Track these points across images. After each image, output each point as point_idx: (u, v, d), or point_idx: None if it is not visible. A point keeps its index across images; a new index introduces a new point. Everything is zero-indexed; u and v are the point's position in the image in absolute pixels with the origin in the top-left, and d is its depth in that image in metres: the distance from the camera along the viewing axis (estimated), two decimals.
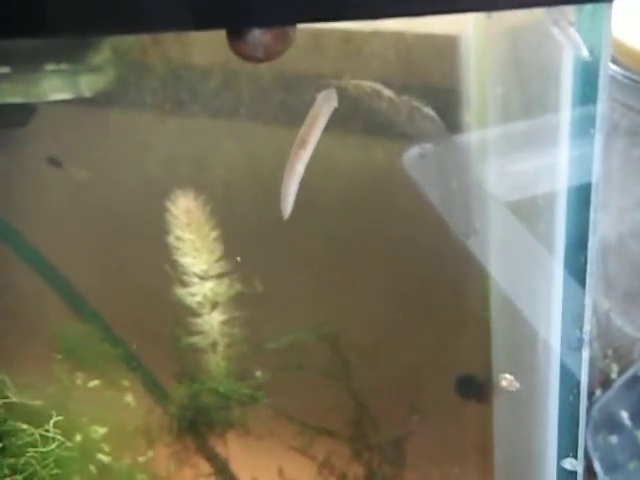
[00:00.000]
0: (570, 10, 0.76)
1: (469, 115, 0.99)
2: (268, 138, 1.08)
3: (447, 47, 0.97)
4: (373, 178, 1.08)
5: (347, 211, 1.10)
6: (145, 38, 1.04)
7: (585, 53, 0.79)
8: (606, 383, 1.24)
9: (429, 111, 0.96)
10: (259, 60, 0.65)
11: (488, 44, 0.91)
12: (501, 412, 1.04)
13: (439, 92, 1.01)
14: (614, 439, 1.22)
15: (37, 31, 0.55)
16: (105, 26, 0.55)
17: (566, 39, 0.77)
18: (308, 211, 1.07)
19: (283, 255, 1.11)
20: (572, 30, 0.77)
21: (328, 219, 1.10)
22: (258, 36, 0.63)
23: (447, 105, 1.00)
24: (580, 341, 0.92)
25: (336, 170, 1.06)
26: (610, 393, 1.23)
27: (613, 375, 1.25)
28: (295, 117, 1.04)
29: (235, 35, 0.63)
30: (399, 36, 0.98)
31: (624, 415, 1.24)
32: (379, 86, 0.94)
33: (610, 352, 1.24)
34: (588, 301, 0.91)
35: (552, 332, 0.94)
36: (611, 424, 1.23)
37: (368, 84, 0.94)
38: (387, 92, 0.95)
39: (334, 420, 1.16)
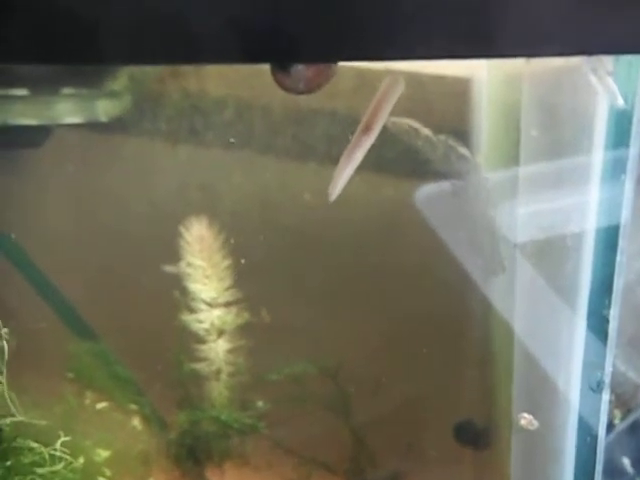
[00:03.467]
0: (608, 59, 0.76)
1: (480, 156, 1.00)
2: (279, 170, 1.09)
3: (460, 89, 0.98)
4: (383, 215, 1.08)
5: (357, 247, 1.10)
6: (164, 67, 1.05)
7: (621, 102, 0.79)
8: (608, 429, 1.23)
9: (464, 151, 0.96)
10: (300, 92, 0.66)
11: (522, 86, 0.91)
12: (518, 452, 1.03)
13: (451, 132, 1.01)
14: None
15: (97, 58, 0.56)
16: (160, 56, 0.56)
17: (603, 87, 0.78)
18: (317, 245, 1.08)
19: (290, 287, 1.11)
20: (609, 79, 0.77)
21: (337, 254, 1.10)
22: (301, 70, 0.64)
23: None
24: (601, 383, 0.92)
25: (347, 206, 1.07)
26: (611, 438, 1.22)
27: (616, 421, 1.23)
28: (306, 151, 1.05)
29: (279, 68, 0.64)
30: (413, 76, 0.98)
31: (626, 462, 1.23)
32: (417, 124, 0.94)
33: (613, 398, 1.23)
34: (611, 344, 0.90)
35: (573, 374, 0.94)
36: (612, 470, 1.22)
37: (407, 122, 0.94)
38: (425, 130, 0.94)
39: (332, 454, 1.15)
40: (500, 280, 0.98)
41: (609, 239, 0.87)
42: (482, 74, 0.96)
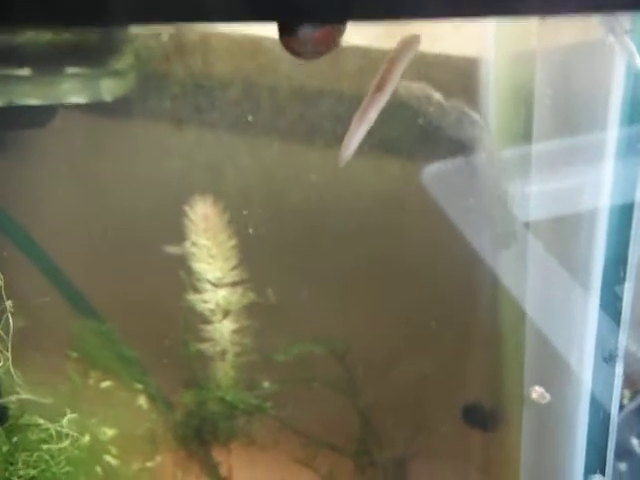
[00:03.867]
0: (626, 18, 0.75)
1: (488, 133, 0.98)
2: (285, 150, 1.08)
3: (467, 68, 0.96)
4: (390, 193, 1.08)
5: (364, 226, 1.09)
6: (169, 46, 1.04)
7: (638, 62, 0.78)
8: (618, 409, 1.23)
9: (477, 117, 0.94)
10: (308, 56, 0.65)
11: (535, 63, 0.89)
12: (529, 426, 1.03)
13: None
14: (623, 466, 1.20)
15: (102, 20, 0.55)
16: (166, 15, 0.55)
17: (621, 47, 0.77)
18: (323, 225, 1.07)
19: (296, 267, 1.11)
20: (627, 38, 0.76)
21: (344, 233, 1.09)
22: (309, 32, 0.63)
23: None
24: (614, 356, 0.91)
25: (353, 185, 1.06)
26: (620, 419, 1.21)
27: (625, 401, 1.23)
28: (312, 131, 1.04)
29: (286, 30, 0.62)
30: (419, 55, 0.97)
31: (634, 442, 1.22)
32: (429, 89, 0.93)
33: (622, 377, 1.23)
34: (625, 316, 0.90)
35: (585, 349, 0.93)
36: (620, 450, 1.21)
37: (418, 86, 0.92)
38: (437, 96, 0.93)
39: (339, 434, 1.16)
40: (511, 255, 0.98)
41: (624, 211, 0.86)
42: (489, 54, 0.95)
